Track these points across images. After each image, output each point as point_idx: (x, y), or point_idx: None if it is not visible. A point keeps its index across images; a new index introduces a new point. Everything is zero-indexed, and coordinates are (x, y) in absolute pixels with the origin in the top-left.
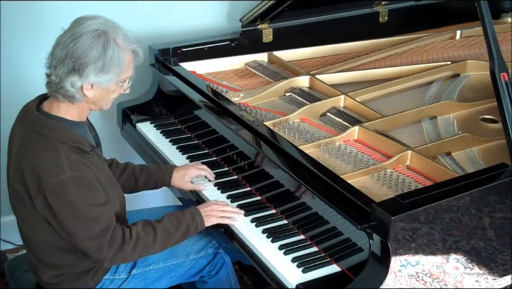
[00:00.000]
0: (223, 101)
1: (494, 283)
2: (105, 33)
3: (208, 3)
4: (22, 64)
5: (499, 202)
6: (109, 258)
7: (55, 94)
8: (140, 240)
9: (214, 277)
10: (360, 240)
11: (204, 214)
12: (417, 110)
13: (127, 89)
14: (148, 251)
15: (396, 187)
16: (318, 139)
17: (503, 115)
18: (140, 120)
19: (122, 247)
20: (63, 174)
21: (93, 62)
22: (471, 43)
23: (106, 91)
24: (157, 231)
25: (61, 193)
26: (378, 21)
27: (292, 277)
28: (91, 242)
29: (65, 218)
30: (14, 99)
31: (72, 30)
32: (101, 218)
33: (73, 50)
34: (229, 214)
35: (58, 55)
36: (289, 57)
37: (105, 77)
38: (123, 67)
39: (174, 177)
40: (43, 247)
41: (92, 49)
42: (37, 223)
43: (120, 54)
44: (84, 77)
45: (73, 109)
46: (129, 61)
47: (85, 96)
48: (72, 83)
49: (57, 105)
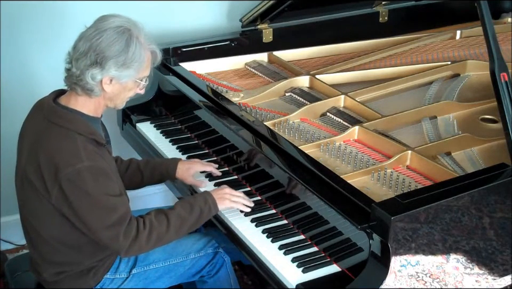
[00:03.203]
0: (223, 101)
1: (494, 283)
2: (128, 30)
3: (208, 4)
4: (22, 64)
5: (499, 202)
6: (124, 248)
7: (74, 87)
8: (153, 228)
9: (213, 276)
10: (360, 240)
11: (217, 196)
12: (417, 110)
13: (143, 88)
14: (163, 239)
15: (396, 187)
16: (318, 139)
17: (503, 115)
18: (140, 120)
19: (137, 237)
20: (80, 163)
21: (115, 55)
22: (471, 43)
23: (124, 88)
24: (170, 218)
25: (78, 182)
26: (378, 21)
27: (292, 276)
28: (107, 232)
29: (82, 207)
30: (15, 99)
31: (96, 25)
32: (117, 207)
33: (96, 43)
34: (242, 200)
35: (81, 48)
36: (289, 57)
37: (126, 72)
38: (143, 65)
39: (178, 169)
40: (49, 242)
41: (115, 43)
42: (47, 216)
43: (142, 51)
44: (105, 70)
45: (91, 103)
46: (148, 59)
47: (103, 91)
48: (92, 76)
49: (74, 99)
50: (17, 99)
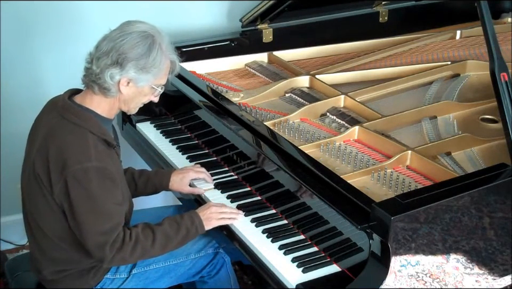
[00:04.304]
0: (223, 101)
1: (494, 283)
2: (152, 36)
3: (208, 4)
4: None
5: (499, 202)
6: (108, 258)
7: (92, 85)
8: (139, 242)
9: (214, 277)
10: (360, 240)
11: (203, 217)
12: (417, 110)
13: (157, 95)
14: (147, 254)
15: (395, 187)
16: (318, 139)
17: (503, 115)
18: (140, 120)
19: (122, 248)
20: (89, 162)
21: (136, 58)
22: (471, 43)
23: (140, 92)
24: (156, 235)
25: (83, 181)
26: (378, 21)
27: (292, 276)
28: (97, 238)
29: (80, 208)
30: (15, 99)
31: (122, 28)
32: (114, 216)
33: (120, 44)
34: (228, 215)
35: (104, 48)
36: (289, 57)
37: (144, 76)
38: (161, 72)
39: (172, 181)
40: (50, 239)
41: (138, 46)
42: (50, 211)
43: (162, 58)
44: (124, 70)
45: (106, 103)
46: (167, 67)
47: (119, 92)
48: (111, 75)
49: (90, 98)
50: (18, 99)
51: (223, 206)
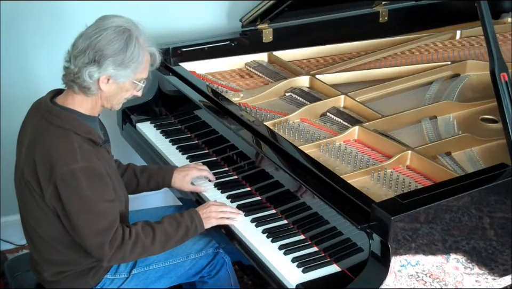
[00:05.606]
0: (223, 101)
1: (494, 283)
2: (128, 30)
3: (208, 3)
4: (21, 65)
5: (499, 202)
6: (108, 257)
7: (71, 85)
8: (139, 240)
9: (214, 277)
10: (360, 240)
11: (203, 216)
12: (417, 110)
13: (140, 90)
14: (147, 252)
15: (396, 187)
16: (318, 139)
17: (503, 115)
18: (140, 120)
19: (122, 246)
20: (75, 164)
21: (113, 54)
22: (471, 43)
23: (121, 88)
24: (156, 232)
25: (72, 183)
26: (378, 21)
27: (292, 276)
28: (94, 238)
29: (73, 210)
30: (15, 99)
31: (97, 24)
32: (108, 214)
33: (96, 41)
34: (228, 215)
35: (80, 46)
36: (289, 57)
37: (123, 72)
38: (141, 66)
39: (174, 178)
40: (47, 242)
41: (114, 42)
42: (43, 215)
43: (140, 52)
44: (102, 68)
45: (87, 102)
46: (147, 61)
47: (99, 90)
48: (90, 73)
49: (71, 98)
50: (17, 99)
51: (223, 205)
